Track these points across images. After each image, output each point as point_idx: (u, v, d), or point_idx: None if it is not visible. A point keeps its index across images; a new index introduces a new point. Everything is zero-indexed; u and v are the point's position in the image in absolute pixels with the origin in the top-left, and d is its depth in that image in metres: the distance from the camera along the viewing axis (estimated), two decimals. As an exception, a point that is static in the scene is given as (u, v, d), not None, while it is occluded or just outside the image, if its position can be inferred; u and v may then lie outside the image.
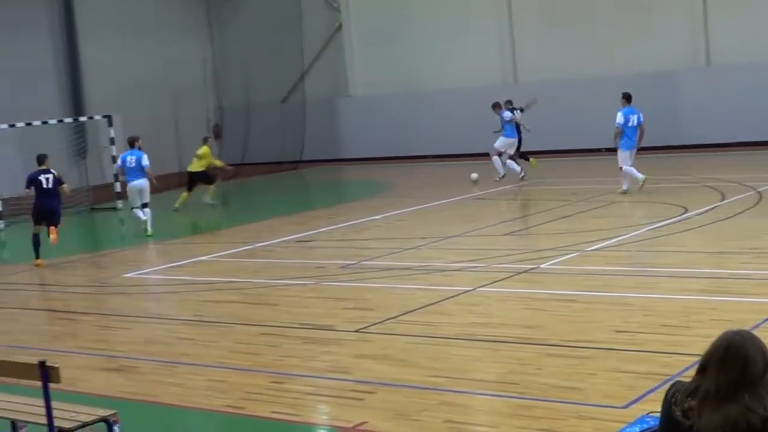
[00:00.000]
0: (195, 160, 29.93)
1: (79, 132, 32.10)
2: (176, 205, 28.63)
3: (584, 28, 34.56)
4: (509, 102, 28.35)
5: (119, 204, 29.71)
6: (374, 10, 39.63)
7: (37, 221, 20.83)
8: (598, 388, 8.99)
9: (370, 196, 28.42)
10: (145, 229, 23.44)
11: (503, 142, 27.31)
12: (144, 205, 23.81)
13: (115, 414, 7.62)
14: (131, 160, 24.04)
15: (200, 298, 15.30)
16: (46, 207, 20.94)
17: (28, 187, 21.22)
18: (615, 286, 13.44)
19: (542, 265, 15.15)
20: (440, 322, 12.17)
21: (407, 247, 18.26)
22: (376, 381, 9.84)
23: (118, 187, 29.78)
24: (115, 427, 7.56)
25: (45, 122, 30.60)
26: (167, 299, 15.43)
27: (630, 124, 23.19)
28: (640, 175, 22.78)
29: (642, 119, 23.35)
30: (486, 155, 28.28)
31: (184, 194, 29.24)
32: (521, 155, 27.99)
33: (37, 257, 20.53)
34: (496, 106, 27.97)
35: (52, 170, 21.33)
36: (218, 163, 31.37)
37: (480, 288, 13.89)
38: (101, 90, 38.04)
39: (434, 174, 32.05)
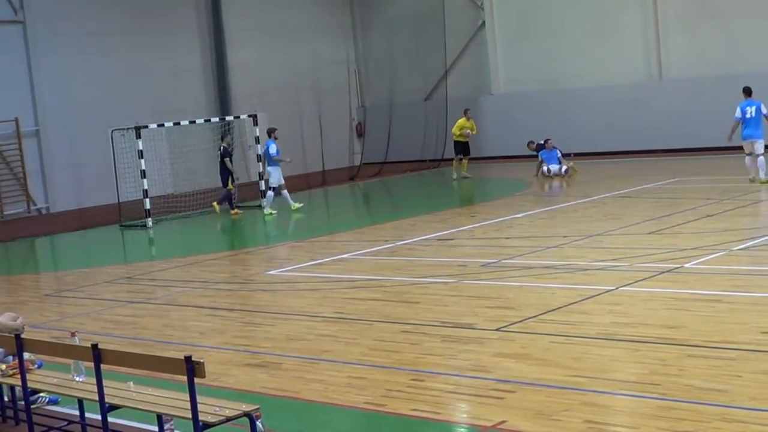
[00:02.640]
0: (457, 130, 33.84)
1: (225, 131, 32.60)
2: (456, 176, 33.76)
3: (735, 21, 33.75)
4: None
5: (263, 202, 30.16)
6: (517, 7, 39.34)
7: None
8: (743, 391, 8.81)
9: (511, 194, 28.31)
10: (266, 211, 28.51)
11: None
12: (271, 188, 28.53)
13: (257, 409, 7.77)
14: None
15: (342, 295, 15.47)
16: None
17: None
18: (762, 287, 13.18)
19: (686, 265, 14.90)
20: (581, 321, 12.08)
21: (549, 245, 18.16)
22: (516, 380, 9.82)
23: (262, 185, 30.25)
24: (258, 422, 7.70)
25: (192, 121, 31.23)
26: (310, 296, 15.62)
27: (747, 115, 24.46)
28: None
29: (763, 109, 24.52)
30: (632, 153, 27.83)
31: (460, 162, 33.93)
32: None
33: (231, 208, 29.79)
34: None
35: (224, 145, 30.04)
36: (473, 130, 34.15)
37: (622, 287, 13.74)
38: (247, 90, 38.80)
39: (578, 172, 31.68)
